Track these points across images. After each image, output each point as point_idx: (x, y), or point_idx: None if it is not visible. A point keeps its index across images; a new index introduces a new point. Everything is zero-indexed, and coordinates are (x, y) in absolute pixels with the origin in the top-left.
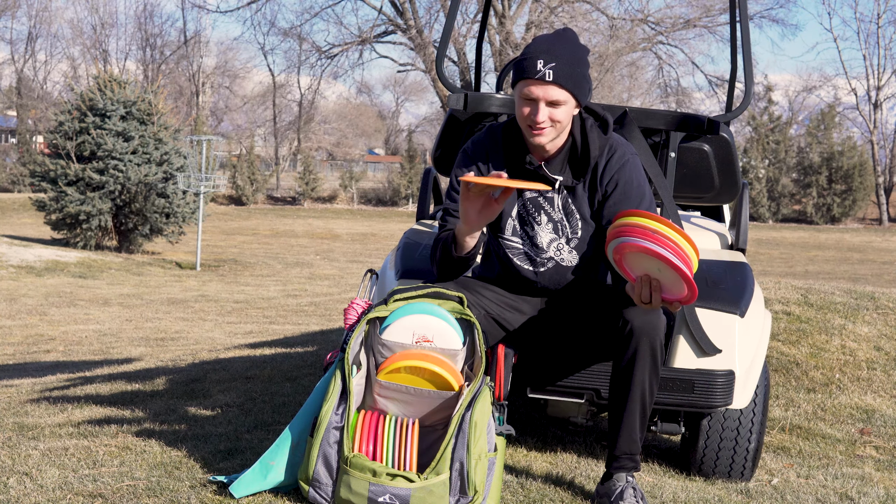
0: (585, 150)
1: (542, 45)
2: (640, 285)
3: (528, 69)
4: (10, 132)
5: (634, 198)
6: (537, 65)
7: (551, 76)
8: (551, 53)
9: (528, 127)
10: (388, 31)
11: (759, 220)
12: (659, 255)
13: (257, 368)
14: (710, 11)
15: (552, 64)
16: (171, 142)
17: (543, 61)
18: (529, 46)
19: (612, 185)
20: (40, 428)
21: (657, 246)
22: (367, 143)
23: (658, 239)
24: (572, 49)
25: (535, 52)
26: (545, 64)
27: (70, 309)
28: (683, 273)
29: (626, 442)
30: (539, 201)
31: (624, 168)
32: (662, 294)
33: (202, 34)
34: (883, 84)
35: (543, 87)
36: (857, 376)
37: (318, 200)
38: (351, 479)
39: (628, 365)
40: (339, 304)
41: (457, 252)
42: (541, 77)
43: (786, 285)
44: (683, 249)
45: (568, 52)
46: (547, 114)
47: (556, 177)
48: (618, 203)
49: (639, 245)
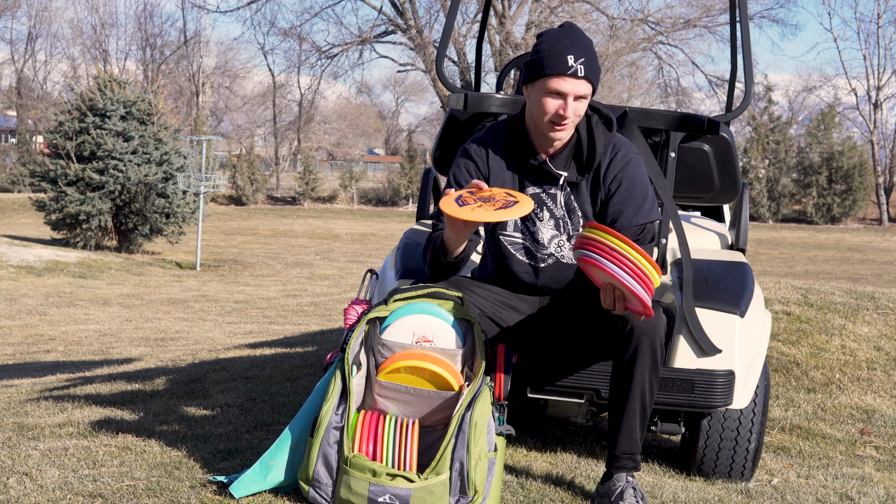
0: (591, 146)
1: (565, 40)
2: (605, 293)
3: (558, 65)
4: (10, 132)
5: (637, 197)
6: (568, 60)
7: (583, 71)
8: (578, 48)
9: (550, 122)
10: (388, 31)
11: (759, 220)
12: (613, 275)
13: (257, 368)
14: (710, 11)
15: (582, 59)
16: (171, 142)
17: (574, 56)
18: (550, 42)
19: (616, 184)
20: (40, 428)
21: (613, 265)
22: (367, 143)
23: (615, 258)
24: (588, 43)
25: (562, 47)
26: (576, 59)
27: (70, 309)
28: (635, 293)
29: (627, 442)
30: (542, 197)
31: (627, 167)
32: (626, 304)
33: (202, 34)
34: (883, 84)
35: (575, 82)
36: (857, 376)
37: (318, 200)
38: (351, 479)
39: (628, 364)
40: (339, 304)
41: (444, 258)
42: (573, 73)
43: (786, 285)
44: (640, 269)
45: (588, 45)
46: (573, 108)
47: (560, 172)
48: (621, 202)
49: (596, 263)
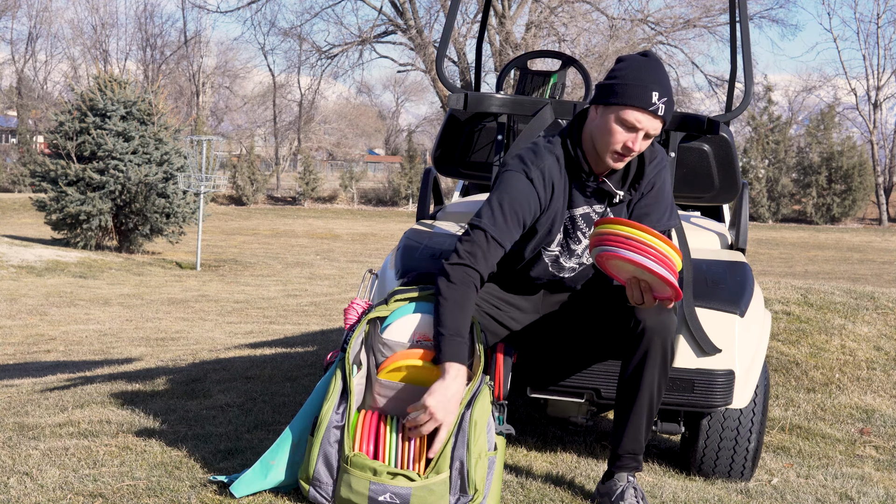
0: (641, 164)
1: (651, 73)
2: (631, 289)
3: (641, 98)
4: (10, 132)
5: (664, 203)
6: (652, 97)
7: (663, 111)
8: (662, 85)
9: (614, 152)
10: (388, 31)
11: (759, 220)
12: (637, 263)
13: (257, 368)
14: (710, 11)
15: (665, 98)
16: (171, 142)
17: (658, 94)
18: (633, 71)
19: (649, 188)
20: (40, 428)
21: (635, 254)
22: (367, 143)
23: (635, 246)
24: (668, 79)
25: (647, 81)
26: (660, 97)
27: (70, 309)
28: (662, 276)
29: (631, 441)
30: (591, 216)
31: (661, 173)
32: (654, 293)
33: (202, 34)
34: (882, 84)
35: (653, 119)
36: (857, 376)
37: (318, 200)
38: (351, 479)
39: (639, 364)
40: (339, 304)
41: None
42: (654, 110)
43: (786, 285)
44: (662, 252)
45: (669, 83)
46: (641, 144)
47: (617, 192)
48: (648, 206)
49: (618, 255)
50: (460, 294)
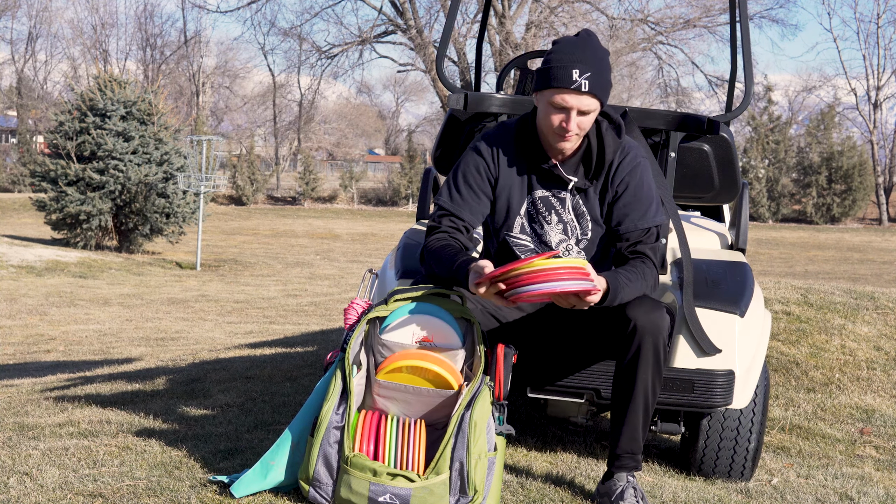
0: (601, 152)
1: (574, 52)
2: (560, 303)
3: (562, 78)
4: (10, 132)
5: (643, 201)
6: (573, 74)
7: (587, 87)
8: (585, 63)
9: (555, 133)
10: (388, 31)
11: (759, 220)
12: (539, 293)
13: (257, 368)
14: (710, 11)
15: (587, 74)
16: (171, 142)
17: (579, 71)
18: (558, 53)
19: (623, 187)
20: (40, 428)
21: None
22: (367, 143)
23: (526, 281)
24: (601, 55)
25: (568, 60)
26: (581, 74)
27: (70, 309)
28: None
29: (628, 441)
30: (551, 200)
31: (635, 171)
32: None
33: (202, 34)
34: (882, 84)
35: (578, 97)
36: (857, 376)
37: (318, 200)
38: (351, 479)
39: (631, 363)
40: (339, 304)
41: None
42: (577, 87)
43: (786, 285)
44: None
45: (598, 59)
46: (577, 122)
47: (570, 178)
48: (626, 206)
49: (524, 296)
50: (441, 235)
